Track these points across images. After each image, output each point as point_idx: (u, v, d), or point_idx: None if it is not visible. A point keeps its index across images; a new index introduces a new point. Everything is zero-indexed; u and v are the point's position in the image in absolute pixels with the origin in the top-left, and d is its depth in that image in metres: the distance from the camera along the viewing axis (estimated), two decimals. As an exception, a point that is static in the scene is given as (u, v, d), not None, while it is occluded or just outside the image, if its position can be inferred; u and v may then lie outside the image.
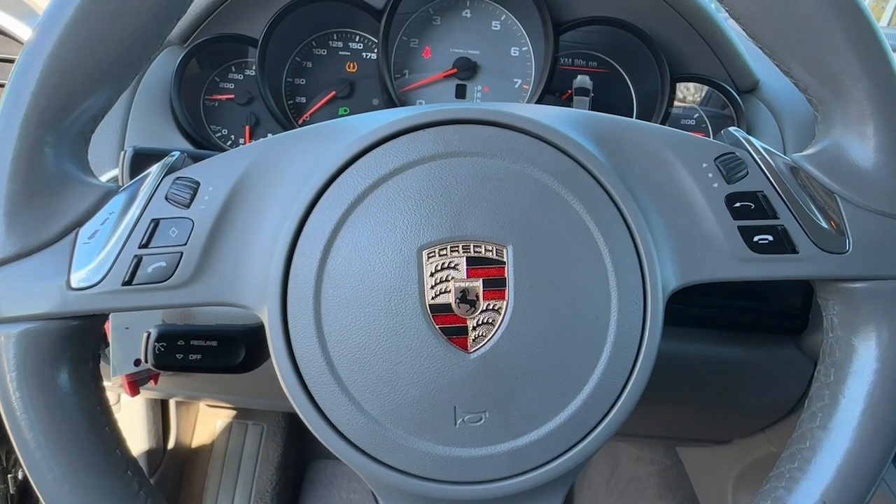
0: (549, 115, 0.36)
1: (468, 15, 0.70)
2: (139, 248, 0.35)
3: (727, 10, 0.37)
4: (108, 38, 0.34)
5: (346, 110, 0.71)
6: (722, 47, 0.67)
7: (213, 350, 0.47)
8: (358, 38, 0.70)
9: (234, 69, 0.69)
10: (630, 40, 0.68)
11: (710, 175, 0.36)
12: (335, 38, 0.70)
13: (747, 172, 0.36)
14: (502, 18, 0.70)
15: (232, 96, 0.69)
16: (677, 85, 0.69)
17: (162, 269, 0.35)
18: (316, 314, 0.34)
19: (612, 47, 0.71)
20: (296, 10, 0.66)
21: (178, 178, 0.36)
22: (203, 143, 0.66)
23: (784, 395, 0.75)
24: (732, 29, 0.68)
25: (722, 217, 0.36)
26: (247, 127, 0.69)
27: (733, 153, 0.37)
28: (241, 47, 0.68)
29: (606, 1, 0.68)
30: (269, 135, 0.69)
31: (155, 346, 0.46)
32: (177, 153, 0.38)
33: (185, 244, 0.35)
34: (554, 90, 0.70)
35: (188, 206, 0.35)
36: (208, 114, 0.69)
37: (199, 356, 0.47)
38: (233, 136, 0.70)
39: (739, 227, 0.36)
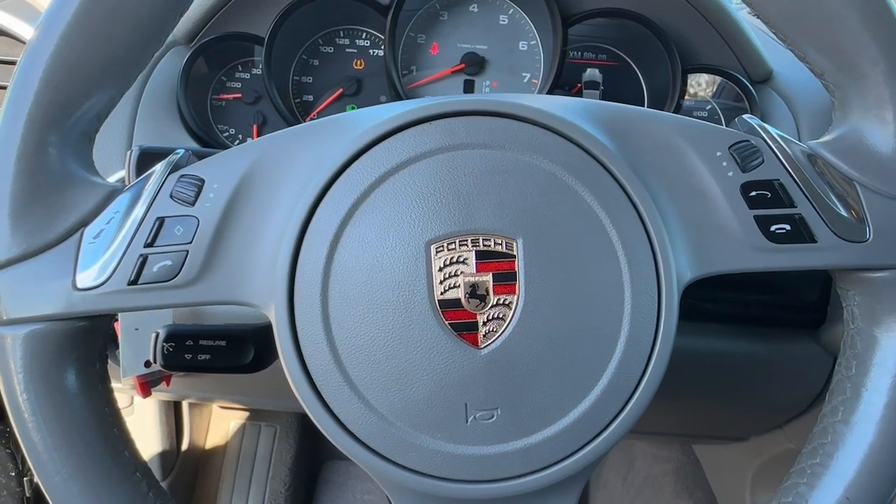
0: (557, 105, 0.36)
1: (475, 10, 0.70)
2: (144, 247, 0.34)
3: None
4: (109, 36, 0.34)
5: (353, 108, 0.71)
6: (734, 37, 0.66)
7: (222, 350, 0.47)
8: (365, 34, 0.70)
9: (240, 68, 0.69)
10: (640, 32, 0.67)
11: (725, 164, 0.36)
12: (342, 35, 0.70)
13: (763, 160, 0.36)
14: (510, 12, 0.70)
15: (239, 95, 0.69)
16: (688, 78, 0.68)
17: (167, 267, 0.34)
18: (323, 311, 0.34)
19: (621, 39, 0.70)
20: (301, 8, 0.65)
21: (182, 176, 0.35)
22: (211, 144, 0.66)
23: (802, 391, 0.74)
24: (744, 18, 0.67)
25: (737, 206, 0.35)
26: (254, 126, 0.69)
27: (748, 141, 0.36)
28: (247, 46, 0.68)
29: (615, -8, 0.67)
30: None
31: (164, 347, 0.46)
32: (181, 151, 0.38)
33: (191, 242, 0.35)
34: (563, 84, 0.70)
35: (193, 204, 0.35)
36: (216, 113, 0.69)
37: (207, 356, 0.46)
38: (240, 136, 0.69)
39: (756, 217, 0.35)
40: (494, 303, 0.34)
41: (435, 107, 0.35)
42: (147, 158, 0.41)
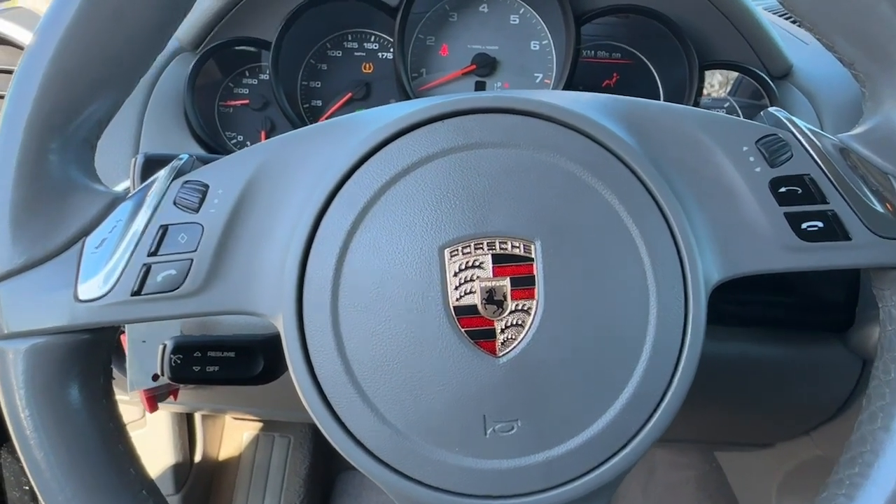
0: (575, 101, 0.34)
1: (485, 10, 0.68)
2: (148, 256, 0.33)
3: None
4: (109, 41, 0.33)
5: (362, 112, 0.70)
6: (752, 31, 0.65)
7: (231, 361, 0.45)
8: (373, 37, 0.69)
9: (248, 74, 0.68)
10: (654, 28, 0.65)
11: (752, 159, 0.34)
12: (350, 38, 0.69)
13: (792, 155, 0.34)
14: (521, 12, 0.68)
15: (247, 102, 0.68)
16: (704, 76, 0.67)
17: (172, 277, 0.33)
18: (333, 320, 0.33)
19: (635, 37, 0.68)
20: (309, 11, 0.64)
21: (186, 182, 0.34)
22: (218, 151, 0.65)
23: (830, 396, 0.72)
24: (761, 11, 0.66)
25: (766, 203, 0.34)
26: (262, 132, 0.68)
27: (776, 135, 0.35)
28: (254, 52, 0.67)
29: (628, -12, 0.65)
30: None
31: (171, 359, 0.44)
32: (185, 156, 0.37)
33: (195, 250, 0.33)
34: (576, 84, 0.68)
35: (197, 211, 0.34)
36: (223, 120, 0.68)
37: (216, 368, 0.45)
38: (248, 142, 0.68)
39: (786, 214, 0.34)
40: (512, 309, 0.33)
41: (447, 105, 0.34)
42: (152, 166, 0.40)
